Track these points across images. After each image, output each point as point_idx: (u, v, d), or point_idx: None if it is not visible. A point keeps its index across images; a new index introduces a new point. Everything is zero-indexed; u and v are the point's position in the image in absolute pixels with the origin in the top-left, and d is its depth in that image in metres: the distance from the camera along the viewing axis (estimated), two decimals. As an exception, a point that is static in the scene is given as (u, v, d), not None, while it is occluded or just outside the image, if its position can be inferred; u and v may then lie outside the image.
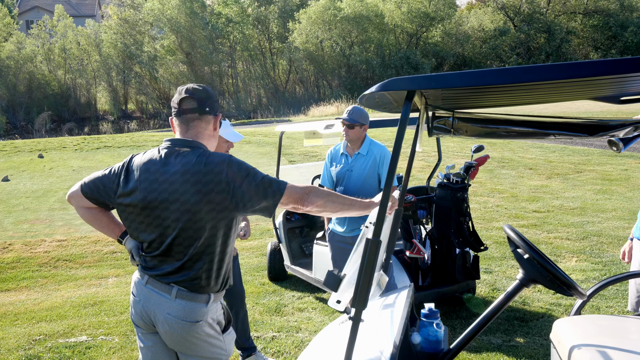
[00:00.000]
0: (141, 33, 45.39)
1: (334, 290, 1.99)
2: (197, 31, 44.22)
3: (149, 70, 45.61)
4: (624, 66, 1.60)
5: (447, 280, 4.96)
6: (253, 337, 4.86)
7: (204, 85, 2.44)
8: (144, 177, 2.31)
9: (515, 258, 2.18)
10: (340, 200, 2.33)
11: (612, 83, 2.02)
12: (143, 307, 2.38)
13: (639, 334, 2.46)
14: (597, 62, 1.62)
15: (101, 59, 45.20)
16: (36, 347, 4.90)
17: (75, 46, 44.45)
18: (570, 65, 1.64)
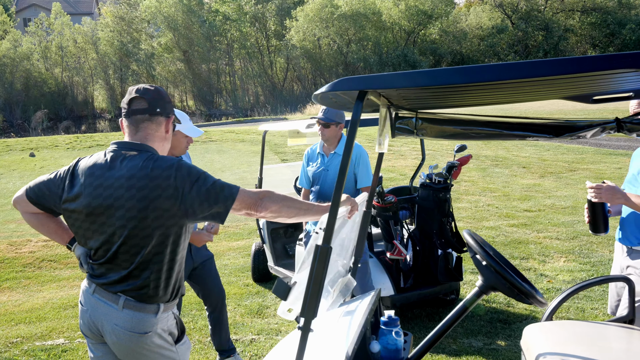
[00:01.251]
0: (138, 31, 45.28)
1: (283, 299, 1.91)
2: (194, 29, 44.12)
3: (146, 68, 45.52)
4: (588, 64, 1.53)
5: (429, 282, 4.88)
6: (232, 340, 4.79)
7: (156, 86, 2.34)
8: (89, 182, 2.21)
9: (474, 264, 2.11)
10: (296, 205, 2.23)
11: (584, 82, 1.94)
12: (90, 317, 2.28)
13: (608, 342, 2.38)
14: (553, 60, 1.54)
15: (98, 56, 45.11)
16: (12, 349, 4.82)
17: (72, 44, 44.33)
18: (522, 65, 1.56)
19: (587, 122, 2.18)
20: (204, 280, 4.07)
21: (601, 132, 2.20)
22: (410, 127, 2.35)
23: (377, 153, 2.51)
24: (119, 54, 44.63)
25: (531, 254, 6.79)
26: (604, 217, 3.12)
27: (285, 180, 6.28)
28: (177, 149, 3.71)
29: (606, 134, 2.20)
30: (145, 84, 2.36)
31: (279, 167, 7.47)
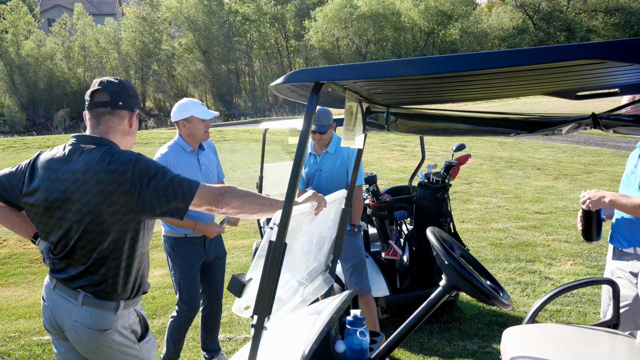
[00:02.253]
0: (159, 31, 45.69)
1: (237, 296, 1.87)
2: (214, 29, 44.39)
3: (167, 68, 45.90)
4: (547, 55, 1.44)
5: (426, 283, 4.81)
6: (226, 339, 4.77)
7: (120, 79, 2.30)
8: (46, 176, 2.18)
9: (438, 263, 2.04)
10: (259, 200, 2.17)
11: (564, 76, 1.86)
12: (51, 313, 2.26)
13: (586, 346, 2.29)
14: (529, 50, 1.45)
15: (120, 57, 45.61)
16: (9, 344, 4.86)
17: (94, 44, 44.89)
18: (475, 57, 1.49)
19: (562, 117, 2.10)
20: (210, 276, 4.06)
21: (576, 128, 2.12)
22: (380, 122, 2.30)
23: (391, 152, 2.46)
24: (140, 54, 45.08)
25: (538, 256, 6.66)
26: (597, 224, 3.02)
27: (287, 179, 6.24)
28: (197, 135, 3.77)
29: (582, 129, 2.12)
30: (110, 76, 2.33)
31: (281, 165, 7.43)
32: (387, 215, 4.68)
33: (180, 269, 3.82)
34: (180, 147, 3.81)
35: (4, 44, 41.26)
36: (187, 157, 3.80)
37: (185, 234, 3.81)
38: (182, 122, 3.77)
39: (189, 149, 3.82)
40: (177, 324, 3.94)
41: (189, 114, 3.72)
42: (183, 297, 3.90)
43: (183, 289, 3.88)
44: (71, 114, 40.66)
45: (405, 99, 2.30)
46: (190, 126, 3.76)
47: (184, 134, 3.81)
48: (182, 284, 3.86)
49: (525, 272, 6.12)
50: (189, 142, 3.82)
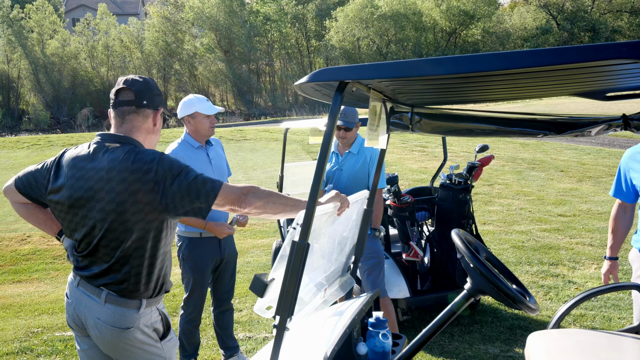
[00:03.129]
0: (182, 31, 46.03)
1: (259, 296, 1.86)
2: (235, 29, 44.57)
3: (188, 67, 46.22)
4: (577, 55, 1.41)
5: (447, 285, 4.76)
6: (245, 337, 4.78)
7: (145, 77, 2.31)
8: (71, 174, 2.19)
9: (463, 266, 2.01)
10: (282, 200, 2.16)
11: (593, 76, 1.82)
12: (75, 310, 2.27)
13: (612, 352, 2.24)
14: (564, 48, 1.42)
15: (143, 56, 46.02)
16: (32, 339, 4.93)
17: (118, 43, 45.38)
18: (520, 54, 1.45)
19: (591, 118, 2.05)
20: (222, 276, 4.07)
21: (606, 130, 2.07)
22: (405, 122, 2.27)
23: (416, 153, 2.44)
24: (163, 53, 45.44)
25: (561, 260, 6.56)
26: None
27: (308, 179, 6.23)
28: (202, 131, 3.80)
29: (612, 131, 2.07)
30: (135, 75, 2.34)
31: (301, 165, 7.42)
32: (408, 217, 4.65)
33: (192, 270, 3.84)
34: (187, 143, 3.84)
35: (30, 43, 41.91)
36: (195, 152, 3.83)
37: (200, 234, 3.83)
38: (187, 119, 3.80)
39: (196, 145, 3.84)
40: (185, 322, 3.98)
41: (193, 110, 3.75)
42: (191, 297, 3.93)
43: (192, 289, 3.90)
44: (94, 112, 41.13)
45: (430, 99, 2.27)
46: (195, 122, 3.78)
47: (190, 130, 3.84)
48: (191, 284, 3.88)
49: (548, 275, 6.03)
50: (195, 138, 3.85)
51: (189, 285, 3.91)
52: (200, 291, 3.91)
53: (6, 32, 41.84)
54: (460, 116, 2.21)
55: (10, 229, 9.14)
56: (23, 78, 43.06)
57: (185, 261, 3.85)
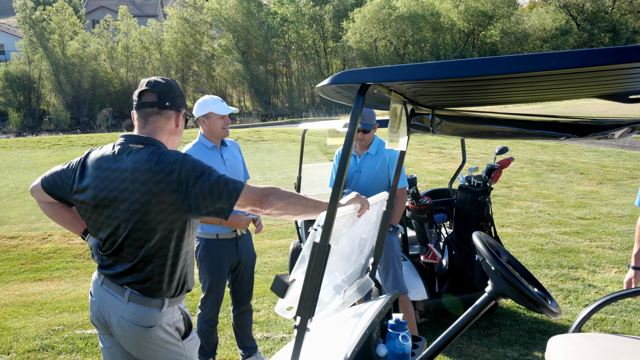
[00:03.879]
0: (200, 33, 46.30)
1: (280, 297, 1.87)
2: (253, 30, 44.73)
3: (206, 69, 46.48)
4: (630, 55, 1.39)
5: (465, 288, 4.74)
6: (263, 338, 4.80)
7: (167, 79, 2.34)
8: (96, 174, 2.23)
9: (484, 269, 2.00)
10: (302, 202, 2.17)
11: (619, 78, 1.81)
12: (98, 308, 2.31)
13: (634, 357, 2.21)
14: (588, 51, 1.41)
15: (161, 57, 46.37)
16: (53, 337, 5.00)
17: (138, 44, 45.80)
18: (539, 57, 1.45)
19: (614, 121, 2.03)
20: (240, 277, 4.10)
21: (630, 133, 2.05)
22: (425, 124, 2.27)
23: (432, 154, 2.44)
24: (181, 55, 45.75)
25: (581, 263, 6.49)
26: None
27: (325, 180, 6.25)
28: (216, 131, 3.84)
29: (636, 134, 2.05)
30: (157, 76, 2.37)
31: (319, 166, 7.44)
32: (426, 218, 4.63)
33: (209, 271, 3.88)
34: (202, 144, 3.89)
35: (51, 44, 42.48)
36: (209, 153, 3.86)
37: (217, 235, 3.85)
38: (202, 119, 3.84)
39: (210, 146, 3.88)
40: (202, 322, 4.02)
41: (207, 110, 3.79)
42: (207, 297, 3.96)
43: (208, 290, 3.94)
44: (114, 113, 41.56)
45: (451, 101, 2.27)
46: (209, 122, 3.82)
47: (204, 130, 3.88)
48: (208, 285, 3.92)
49: (567, 279, 5.98)
50: (209, 138, 3.88)
51: (205, 286, 3.94)
52: (216, 291, 3.94)
53: (28, 33, 42.44)
54: (481, 118, 2.21)
55: (31, 227, 9.28)
56: (44, 79, 43.64)
57: (202, 262, 3.89)
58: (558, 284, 5.81)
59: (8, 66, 43.72)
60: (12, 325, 5.36)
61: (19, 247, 8.36)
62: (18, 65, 43.67)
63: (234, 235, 3.91)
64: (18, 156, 16.97)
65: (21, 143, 19.91)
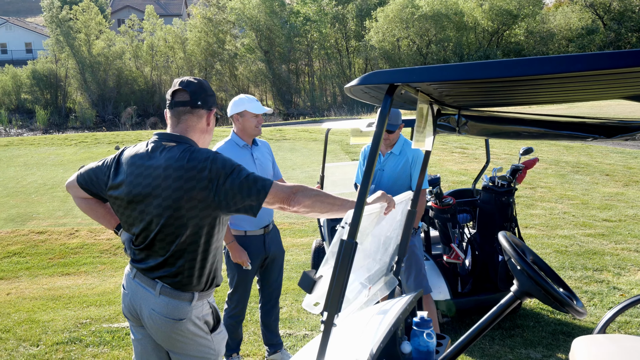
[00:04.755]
0: (223, 32, 46.62)
1: (308, 292, 1.91)
2: (275, 30, 44.91)
3: (229, 68, 46.80)
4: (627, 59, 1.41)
5: (488, 288, 4.73)
6: (286, 335, 4.85)
7: (199, 79, 2.40)
8: (130, 171, 2.30)
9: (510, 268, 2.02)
10: (329, 200, 2.22)
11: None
12: (130, 301, 2.38)
13: (661, 360, 2.21)
14: (617, 53, 1.43)
15: (185, 56, 46.82)
16: (81, 330, 5.11)
17: (163, 43, 46.30)
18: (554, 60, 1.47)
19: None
20: (269, 273, 4.16)
21: (658, 134, 2.05)
22: (451, 125, 2.29)
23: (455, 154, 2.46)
24: (204, 53, 46.13)
25: (606, 265, 6.42)
26: None
27: (348, 179, 6.28)
28: (249, 129, 3.90)
29: (664, 135, 2.05)
30: (190, 76, 2.43)
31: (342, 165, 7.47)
32: (449, 218, 4.64)
33: (237, 267, 3.94)
34: (233, 142, 3.95)
35: (77, 43, 43.18)
36: (240, 151, 3.92)
37: (245, 231, 3.92)
38: (236, 117, 3.90)
39: (242, 144, 3.94)
40: (228, 317, 4.08)
41: (242, 109, 3.85)
42: (234, 293, 4.02)
43: (236, 286, 4.00)
44: (138, 111, 42.11)
45: (478, 101, 2.28)
46: (243, 120, 3.88)
47: (237, 128, 3.94)
48: (235, 281, 3.98)
49: (592, 281, 5.92)
50: (241, 136, 3.94)
51: (233, 282, 4.01)
52: (243, 288, 4.00)
53: (55, 32, 43.18)
54: (508, 118, 2.22)
55: (59, 223, 9.47)
56: (70, 77, 44.41)
57: (231, 258, 3.95)
58: (582, 286, 5.76)
59: (35, 64, 44.60)
60: (41, 318, 5.49)
61: (47, 242, 8.54)
62: (45, 64, 44.54)
63: (262, 232, 3.98)
64: (46, 153, 17.31)
65: (49, 140, 20.30)
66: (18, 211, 10.25)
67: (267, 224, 4.02)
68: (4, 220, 9.68)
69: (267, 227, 4.02)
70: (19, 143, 19.72)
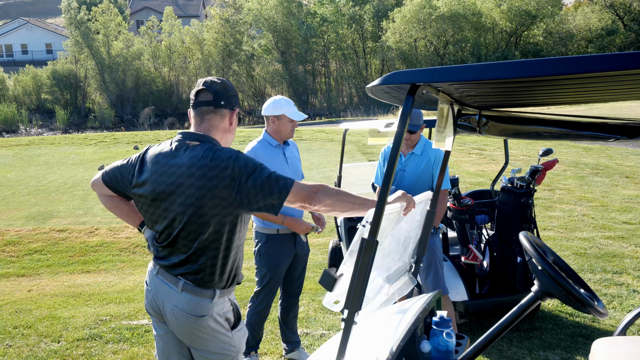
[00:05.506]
0: (240, 33, 46.83)
1: (329, 290, 1.93)
2: (292, 31, 45.00)
3: (246, 68, 46.98)
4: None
5: (506, 290, 4.71)
6: (303, 334, 4.87)
7: (223, 79, 2.43)
8: (154, 169, 2.34)
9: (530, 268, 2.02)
10: (350, 199, 2.24)
11: None
12: (153, 297, 2.42)
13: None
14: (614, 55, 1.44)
15: (203, 57, 47.10)
16: (101, 326, 5.18)
17: (180, 44, 46.64)
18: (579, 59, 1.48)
19: (665, 123, 2.02)
20: (292, 271, 4.20)
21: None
22: (472, 125, 2.29)
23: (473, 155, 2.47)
24: (222, 54, 46.37)
25: (626, 268, 6.35)
26: None
27: (365, 180, 6.28)
28: (283, 132, 3.96)
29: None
30: (213, 76, 2.47)
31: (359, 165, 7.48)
32: (468, 219, 4.63)
33: (268, 265, 3.97)
34: (266, 142, 4.00)
35: (96, 44, 43.67)
36: (274, 151, 3.97)
37: (277, 230, 3.96)
38: (272, 118, 3.94)
39: (274, 144, 3.99)
40: (253, 314, 4.11)
41: (281, 112, 3.89)
42: (262, 291, 4.05)
43: (265, 284, 4.02)
44: (156, 111, 42.47)
45: (498, 101, 2.28)
46: (279, 123, 3.93)
47: (271, 129, 3.98)
48: (267, 279, 4.00)
49: (611, 284, 5.86)
50: (274, 137, 3.99)
51: (263, 280, 4.04)
52: (273, 286, 4.05)
53: (74, 34, 43.70)
54: (529, 119, 2.22)
55: (79, 221, 9.60)
56: (89, 78, 44.92)
57: (262, 256, 3.99)
58: (602, 289, 5.71)
59: (55, 65, 45.20)
60: (61, 314, 5.57)
61: (68, 240, 8.66)
62: (65, 64, 45.11)
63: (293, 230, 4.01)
64: (66, 152, 17.54)
65: (68, 140, 20.57)
66: (39, 209, 10.41)
67: None
68: (25, 218, 9.83)
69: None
70: (39, 142, 20.02)
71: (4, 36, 61.60)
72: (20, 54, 61.20)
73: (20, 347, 4.75)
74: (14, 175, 14.01)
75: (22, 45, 61.62)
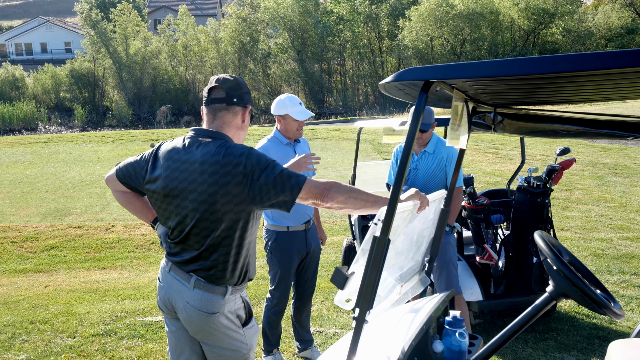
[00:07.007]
0: (257, 31, 46.94)
1: (340, 288, 1.92)
2: (309, 29, 45.01)
3: (262, 67, 47.08)
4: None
5: (522, 290, 4.66)
6: (316, 332, 4.86)
7: (235, 76, 2.44)
8: (167, 165, 2.35)
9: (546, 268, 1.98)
10: (363, 196, 2.22)
11: None
12: (166, 294, 2.43)
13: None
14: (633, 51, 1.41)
15: (219, 55, 47.30)
16: (116, 322, 5.22)
17: (196, 43, 46.87)
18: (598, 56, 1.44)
19: (686, 121, 1.98)
20: (305, 269, 4.20)
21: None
22: (487, 123, 2.26)
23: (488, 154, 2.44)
24: (238, 53, 46.52)
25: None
26: None
27: (379, 179, 6.26)
28: (290, 132, 3.95)
29: None
30: (226, 74, 2.47)
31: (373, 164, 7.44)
32: (483, 219, 4.58)
33: (280, 263, 3.97)
34: (277, 139, 4.00)
35: (113, 44, 44.06)
36: (284, 148, 3.96)
37: (288, 227, 3.95)
38: (278, 118, 3.96)
39: (285, 142, 3.99)
40: (271, 313, 4.11)
41: (284, 112, 3.88)
42: (277, 289, 4.05)
43: (278, 282, 4.03)
44: (173, 110, 42.73)
45: (514, 99, 2.25)
46: (285, 123, 3.93)
47: (280, 128, 3.98)
48: (279, 277, 4.00)
49: (629, 285, 5.77)
50: (284, 134, 3.99)
51: (275, 278, 4.04)
52: (286, 283, 4.05)
53: (90, 34, 44.13)
54: (545, 117, 2.18)
55: (95, 218, 9.69)
56: (107, 76, 45.33)
57: (273, 254, 3.99)
58: (619, 290, 5.62)
59: (74, 64, 45.67)
60: (77, 310, 5.63)
61: (84, 236, 8.75)
62: (83, 63, 45.56)
63: (303, 227, 4.02)
64: (83, 150, 17.71)
65: (86, 137, 20.78)
66: (57, 206, 10.52)
67: (308, 219, 4.05)
68: (43, 214, 9.94)
69: (309, 223, 4.06)
70: (57, 140, 20.24)
71: (24, 35, 62.43)
72: (39, 53, 61.97)
73: (36, 342, 4.80)
74: (32, 172, 14.18)
75: (41, 44, 62.39)
